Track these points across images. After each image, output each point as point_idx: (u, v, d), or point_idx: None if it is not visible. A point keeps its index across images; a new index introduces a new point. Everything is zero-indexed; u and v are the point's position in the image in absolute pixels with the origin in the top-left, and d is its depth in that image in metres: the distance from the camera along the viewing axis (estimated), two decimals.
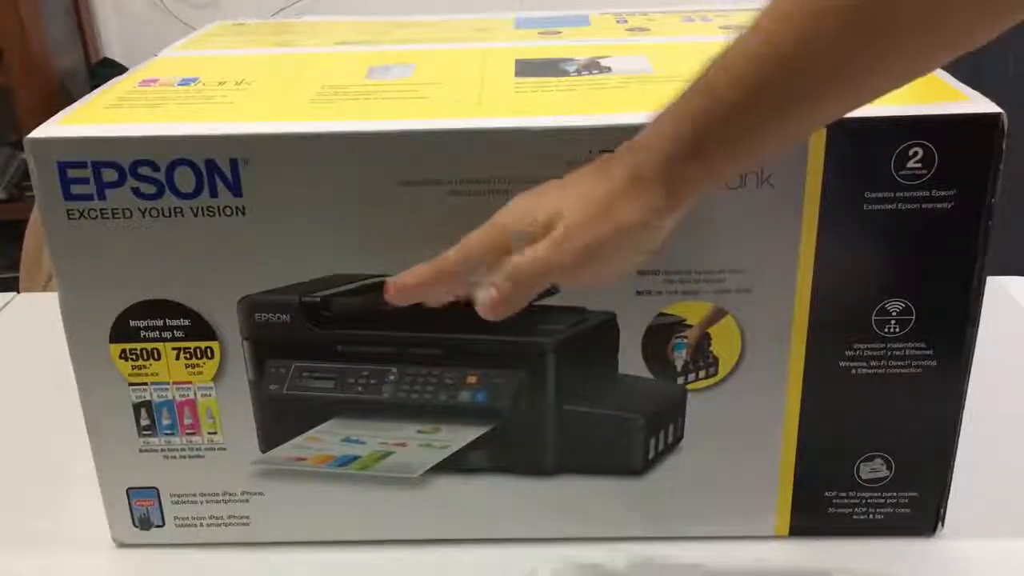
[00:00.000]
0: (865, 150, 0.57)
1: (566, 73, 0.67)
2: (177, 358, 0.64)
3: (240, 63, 0.73)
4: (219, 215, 0.59)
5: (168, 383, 0.64)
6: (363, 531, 0.69)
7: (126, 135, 0.59)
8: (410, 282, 0.54)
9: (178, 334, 0.63)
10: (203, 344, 0.63)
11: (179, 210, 0.59)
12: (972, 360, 0.63)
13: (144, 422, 0.65)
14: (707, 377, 0.63)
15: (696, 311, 0.62)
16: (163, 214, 0.60)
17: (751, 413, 0.64)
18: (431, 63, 0.71)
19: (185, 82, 0.67)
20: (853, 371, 0.63)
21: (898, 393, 0.63)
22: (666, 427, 0.65)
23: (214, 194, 0.59)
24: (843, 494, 0.67)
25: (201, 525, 0.69)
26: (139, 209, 0.59)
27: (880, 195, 0.58)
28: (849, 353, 0.63)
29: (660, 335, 0.62)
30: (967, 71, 0.59)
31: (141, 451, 0.66)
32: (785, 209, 0.59)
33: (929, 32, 0.44)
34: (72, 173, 0.58)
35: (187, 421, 0.65)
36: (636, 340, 0.62)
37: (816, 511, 0.67)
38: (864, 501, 0.67)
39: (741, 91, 0.46)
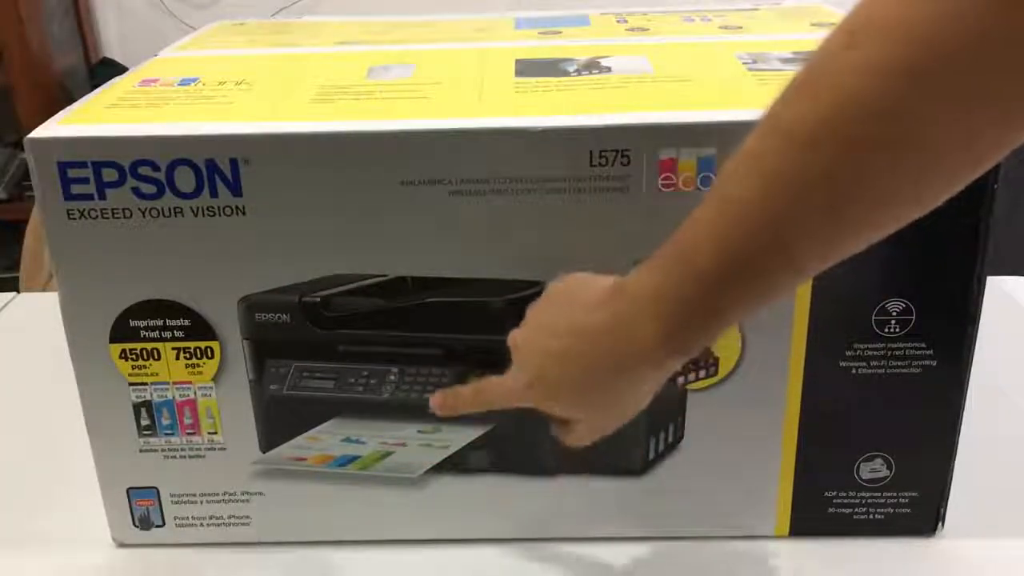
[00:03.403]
0: None
1: (566, 73, 0.67)
2: (177, 358, 0.64)
3: (240, 63, 0.73)
4: (219, 215, 0.59)
5: (168, 383, 0.64)
6: (363, 531, 0.69)
7: (126, 135, 0.59)
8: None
9: (178, 334, 0.63)
10: (203, 344, 0.63)
11: (179, 210, 0.59)
12: (972, 360, 0.63)
13: (144, 422, 0.65)
14: (707, 377, 0.63)
15: None
16: (163, 214, 0.60)
17: (751, 413, 0.64)
18: (431, 63, 0.71)
19: (185, 82, 0.67)
20: (853, 371, 0.63)
21: (898, 393, 0.63)
22: (666, 427, 0.65)
23: (214, 194, 0.59)
24: (843, 494, 0.67)
25: (201, 525, 0.69)
26: (139, 209, 0.59)
27: None
28: (849, 353, 0.63)
29: None
30: None
31: (141, 451, 0.66)
32: None
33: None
34: (72, 173, 0.58)
35: (187, 421, 0.65)
36: None
37: (816, 511, 0.67)
38: (864, 501, 0.67)
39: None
